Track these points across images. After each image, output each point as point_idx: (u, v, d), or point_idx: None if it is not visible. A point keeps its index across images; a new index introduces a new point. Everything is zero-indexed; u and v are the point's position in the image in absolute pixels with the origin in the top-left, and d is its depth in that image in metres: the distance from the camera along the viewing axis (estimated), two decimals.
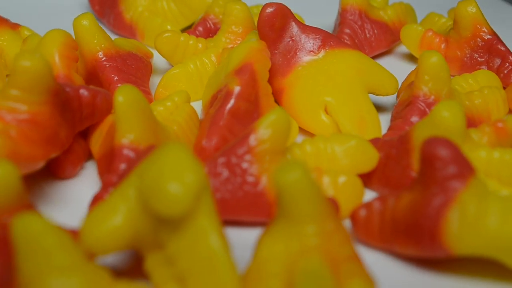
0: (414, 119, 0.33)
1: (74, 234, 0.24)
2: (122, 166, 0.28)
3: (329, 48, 0.35)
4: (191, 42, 0.39)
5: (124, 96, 0.28)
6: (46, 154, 0.28)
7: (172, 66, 0.40)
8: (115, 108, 0.28)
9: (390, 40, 0.43)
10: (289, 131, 0.28)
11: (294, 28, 0.36)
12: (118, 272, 0.25)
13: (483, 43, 0.40)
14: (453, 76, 0.38)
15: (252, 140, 0.28)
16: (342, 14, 0.42)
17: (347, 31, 0.42)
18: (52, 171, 0.30)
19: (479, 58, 0.40)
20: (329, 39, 0.35)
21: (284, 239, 0.23)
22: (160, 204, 0.21)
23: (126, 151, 0.28)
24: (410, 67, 0.40)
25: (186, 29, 0.43)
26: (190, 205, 0.21)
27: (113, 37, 0.43)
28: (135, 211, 0.23)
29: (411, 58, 0.44)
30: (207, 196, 0.22)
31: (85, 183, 0.30)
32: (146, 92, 0.36)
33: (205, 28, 0.41)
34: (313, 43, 0.35)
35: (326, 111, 0.34)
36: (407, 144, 0.29)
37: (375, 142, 0.31)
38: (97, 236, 0.22)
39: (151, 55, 0.39)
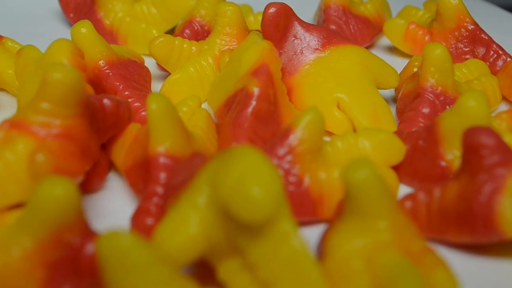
0: (425, 110, 0.34)
1: None
2: (162, 175, 0.27)
3: (334, 45, 0.36)
4: (185, 45, 0.38)
5: (157, 104, 0.27)
6: (84, 168, 0.27)
7: (165, 71, 0.39)
8: (148, 116, 0.27)
9: (373, 34, 0.44)
10: (324, 129, 0.28)
11: (298, 27, 0.36)
12: None
13: (467, 33, 0.41)
14: None
15: (292, 140, 0.28)
16: (326, 11, 0.43)
17: (333, 27, 0.42)
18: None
19: (464, 48, 0.41)
20: (332, 36, 0.36)
21: (358, 235, 0.23)
22: (244, 210, 0.21)
23: (163, 160, 0.27)
24: (393, 60, 0.41)
25: (169, 33, 0.42)
26: (274, 209, 0.21)
27: None
28: (207, 220, 0.22)
29: (393, 50, 0.45)
30: (284, 198, 0.22)
31: (113, 195, 0.29)
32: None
33: (192, 31, 0.41)
34: (317, 41, 0.35)
35: (338, 108, 0.34)
36: (434, 135, 0.30)
37: (398, 134, 0.31)
38: (174, 248, 0.22)
39: (143, 61, 0.38)
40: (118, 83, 0.34)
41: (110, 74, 0.34)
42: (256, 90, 0.31)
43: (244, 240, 0.22)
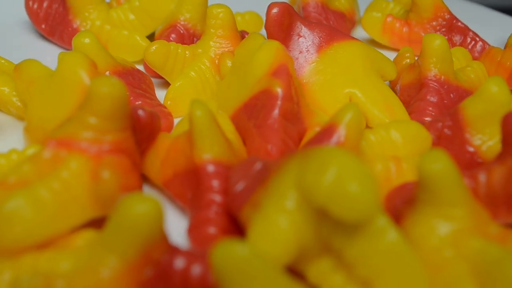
0: (433, 99, 0.35)
1: None
2: (215, 182, 0.27)
3: (337, 41, 0.36)
4: (179, 50, 0.38)
5: (201, 111, 0.27)
6: (141, 183, 0.26)
7: (157, 77, 0.39)
8: (193, 124, 0.27)
9: (350, 28, 0.45)
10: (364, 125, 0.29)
11: (301, 25, 0.36)
12: None
13: (444, 22, 0.43)
14: None
15: (337, 138, 0.28)
16: (305, 8, 0.43)
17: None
18: None
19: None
20: (334, 32, 0.36)
21: (441, 224, 0.24)
22: (346, 209, 0.21)
23: (211, 167, 0.27)
24: None
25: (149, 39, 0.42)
26: (374, 206, 0.21)
27: None
28: (298, 224, 0.22)
29: (370, 43, 0.46)
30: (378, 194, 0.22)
31: None
32: (160, 105, 0.35)
33: (178, 35, 0.40)
34: (321, 38, 0.36)
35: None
36: (459, 122, 0.31)
37: None
38: (269, 255, 0.22)
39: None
40: (128, 93, 0.33)
41: None
42: (280, 91, 0.31)
43: (340, 240, 0.22)
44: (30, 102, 0.31)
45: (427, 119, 0.34)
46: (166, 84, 0.39)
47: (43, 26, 0.43)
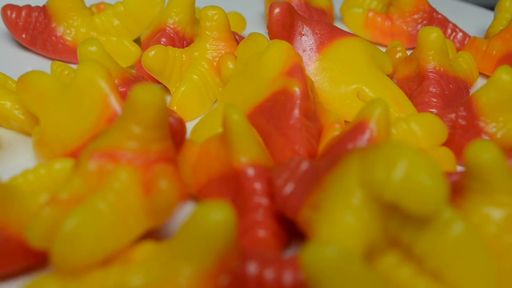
0: (435, 90, 0.36)
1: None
2: (257, 185, 0.27)
3: (338, 38, 0.37)
4: (176, 54, 0.37)
5: (238, 114, 0.27)
6: (188, 191, 0.26)
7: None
8: (230, 127, 0.27)
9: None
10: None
11: (302, 24, 0.36)
12: None
13: (425, 14, 0.44)
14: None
15: (369, 133, 0.28)
16: None
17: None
18: None
19: None
20: (334, 29, 0.37)
21: (494, 211, 0.24)
22: (418, 203, 0.21)
23: (251, 170, 0.27)
24: None
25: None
26: (445, 198, 0.22)
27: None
28: (366, 221, 0.22)
29: None
30: None
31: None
32: (172, 111, 0.34)
33: (169, 38, 0.40)
34: (322, 36, 0.36)
35: (358, 98, 0.35)
36: (473, 111, 0.32)
37: None
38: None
39: None
40: None
41: (128, 92, 0.32)
42: (298, 90, 0.31)
43: (409, 234, 0.22)
44: (43, 115, 0.30)
45: (433, 110, 0.35)
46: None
47: (23, 35, 0.41)
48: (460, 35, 0.44)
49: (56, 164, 0.28)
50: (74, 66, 0.38)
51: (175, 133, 0.28)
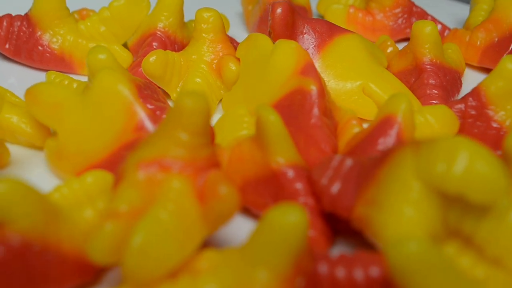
0: (434, 81, 0.37)
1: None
2: (299, 185, 0.27)
3: (337, 35, 0.37)
4: (175, 58, 0.37)
5: (274, 115, 0.27)
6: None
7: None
8: (267, 129, 0.27)
9: None
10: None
11: (303, 23, 0.36)
12: None
13: (405, 8, 0.45)
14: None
15: (397, 128, 0.29)
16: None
17: None
18: None
19: (404, 23, 0.45)
20: (333, 26, 0.37)
21: None
22: (482, 192, 0.22)
23: (291, 170, 0.27)
24: None
25: None
26: (506, 186, 0.22)
27: (39, 74, 0.39)
28: (426, 214, 0.23)
29: None
30: None
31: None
32: None
33: (160, 42, 0.39)
34: (323, 34, 0.37)
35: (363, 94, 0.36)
36: (481, 101, 0.33)
37: None
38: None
39: None
40: (153, 107, 0.32)
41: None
42: (314, 89, 0.32)
43: (470, 223, 0.23)
44: (61, 128, 0.29)
45: (435, 101, 0.36)
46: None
47: (6, 46, 0.40)
48: (439, 27, 0.45)
49: (88, 177, 0.27)
50: (74, 77, 0.37)
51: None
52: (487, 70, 0.43)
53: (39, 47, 0.39)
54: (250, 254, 0.21)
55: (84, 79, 0.37)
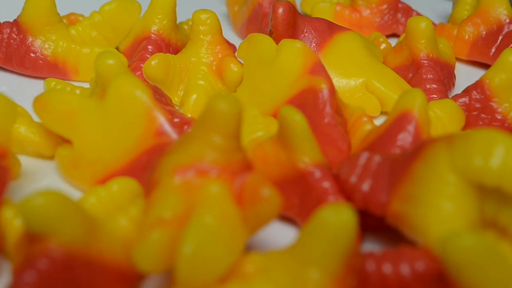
0: (432, 76, 0.37)
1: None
2: (327, 184, 0.27)
3: (337, 33, 0.37)
4: (175, 61, 0.37)
5: (299, 115, 0.27)
6: None
7: None
8: (293, 129, 0.27)
9: None
10: None
11: (303, 21, 0.37)
12: None
13: (391, 4, 0.46)
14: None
15: (414, 123, 0.29)
16: (261, 6, 0.44)
17: None
18: None
19: (391, 19, 0.46)
20: (331, 24, 0.37)
21: None
22: None
23: (318, 170, 0.27)
24: None
25: None
26: None
27: (30, 81, 0.38)
28: (464, 205, 0.23)
29: None
30: None
31: None
32: (193, 120, 0.33)
33: (156, 46, 0.39)
34: (323, 32, 0.37)
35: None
36: (485, 93, 0.34)
37: None
38: None
39: None
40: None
41: None
42: (325, 87, 0.32)
43: (506, 213, 0.23)
44: (76, 136, 0.29)
45: (435, 96, 0.36)
46: None
47: None
48: None
49: (114, 185, 0.27)
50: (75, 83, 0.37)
51: None
52: (476, 63, 0.44)
53: (31, 54, 0.38)
54: (301, 254, 0.21)
55: (81, 85, 0.37)
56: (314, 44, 0.36)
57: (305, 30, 0.36)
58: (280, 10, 0.35)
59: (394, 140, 0.28)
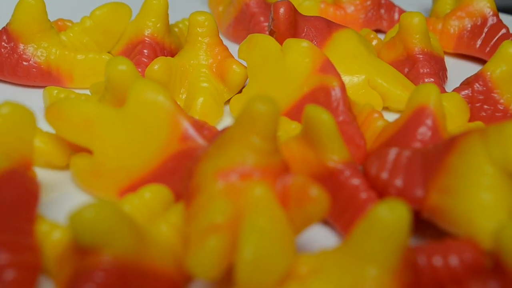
0: (428, 70, 0.38)
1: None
2: (357, 181, 0.27)
3: (335, 31, 0.38)
4: (177, 64, 0.36)
5: (327, 114, 0.27)
6: None
7: None
8: (322, 128, 0.27)
9: None
10: None
11: (303, 20, 0.37)
12: None
13: (375, 1, 0.46)
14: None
15: (431, 117, 0.30)
16: (248, 8, 0.44)
17: (262, 19, 0.44)
18: None
19: (375, 15, 0.47)
20: (329, 23, 0.38)
21: None
22: None
23: (347, 168, 0.27)
24: None
25: None
26: None
27: (23, 89, 0.37)
28: (503, 195, 0.24)
29: None
30: None
31: None
32: (206, 123, 0.33)
33: (151, 49, 0.39)
34: (323, 30, 0.37)
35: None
36: (488, 85, 0.35)
37: None
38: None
39: None
40: None
41: None
42: (337, 85, 0.32)
43: None
44: (96, 144, 0.28)
45: None
46: None
47: None
48: None
49: (146, 192, 0.26)
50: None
51: None
52: (461, 56, 0.45)
53: (24, 62, 0.37)
54: (357, 252, 0.21)
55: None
56: (315, 43, 0.36)
57: (305, 29, 0.37)
58: (282, 10, 0.35)
59: (414, 134, 0.29)
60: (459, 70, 0.41)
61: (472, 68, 0.42)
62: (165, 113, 0.28)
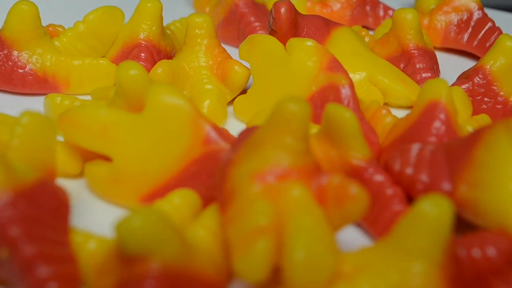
0: (423, 65, 0.39)
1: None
2: (380, 177, 0.28)
3: (333, 29, 0.38)
4: (178, 67, 0.36)
5: (349, 112, 0.27)
6: None
7: None
8: (345, 126, 0.27)
9: None
10: None
11: (302, 20, 0.37)
12: None
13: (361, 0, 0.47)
14: None
15: (444, 112, 0.30)
16: (238, 8, 0.44)
17: (252, 19, 0.44)
18: None
19: (360, 12, 0.47)
20: (328, 21, 0.38)
21: None
22: None
23: (370, 165, 0.28)
24: None
25: None
26: None
27: (16, 97, 0.37)
28: None
29: None
30: None
31: None
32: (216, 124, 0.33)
33: (148, 53, 0.38)
34: (322, 29, 0.37)
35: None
36: (488, 79, 0.36)
37: None
38: None
39: None
40: None
41: None
42: (346, 83, 0.32)
43: None
44: (115, 151, 0.28)
45: None
46: None
47: None
48: (391, 12, 0.47)
49: (175, 198, 0.26)
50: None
51: None
52: (446, 49, 0.45)
53: (19, 70, 0.36)
54: (401, 248, 0.22)
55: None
56: (318, 42, 0.36)
57: (305, 28, 0.37)
58: (283, 10, 0.35)
59: (429, 129, 0.29)
60: (447, 63, 0.41)
61: (459, 61, 0.43)
62: (186, 117, 0.28)
